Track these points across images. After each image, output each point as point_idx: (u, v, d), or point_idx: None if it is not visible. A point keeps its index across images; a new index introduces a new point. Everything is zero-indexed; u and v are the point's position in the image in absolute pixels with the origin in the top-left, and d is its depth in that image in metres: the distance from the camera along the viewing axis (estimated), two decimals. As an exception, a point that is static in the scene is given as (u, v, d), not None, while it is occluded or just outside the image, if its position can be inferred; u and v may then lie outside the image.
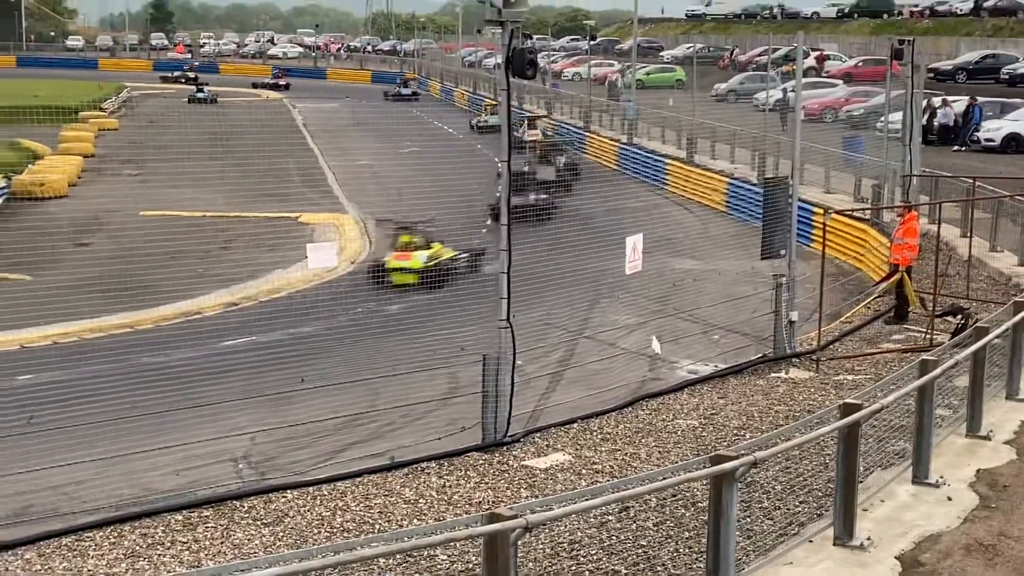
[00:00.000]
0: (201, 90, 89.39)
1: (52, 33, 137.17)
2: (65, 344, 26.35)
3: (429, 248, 32.61)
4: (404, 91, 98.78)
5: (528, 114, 61.05)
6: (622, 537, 11.73)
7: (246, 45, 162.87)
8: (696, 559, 10.32)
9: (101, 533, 13.29)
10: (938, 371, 12.64)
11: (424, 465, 15.69)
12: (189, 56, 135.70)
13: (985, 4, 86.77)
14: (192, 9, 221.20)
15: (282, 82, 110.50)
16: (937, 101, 45.83)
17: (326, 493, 14.59)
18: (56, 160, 52.79)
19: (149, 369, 23.56)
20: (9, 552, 12.83)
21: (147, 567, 11.33)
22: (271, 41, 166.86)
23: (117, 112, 75.69)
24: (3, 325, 26.91)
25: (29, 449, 18.18)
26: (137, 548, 12.81)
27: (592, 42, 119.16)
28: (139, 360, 24.52)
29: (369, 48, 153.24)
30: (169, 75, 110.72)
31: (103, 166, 53.28)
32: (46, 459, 17.79)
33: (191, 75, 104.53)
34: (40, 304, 26.68)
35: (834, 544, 10.72)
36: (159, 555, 12.28)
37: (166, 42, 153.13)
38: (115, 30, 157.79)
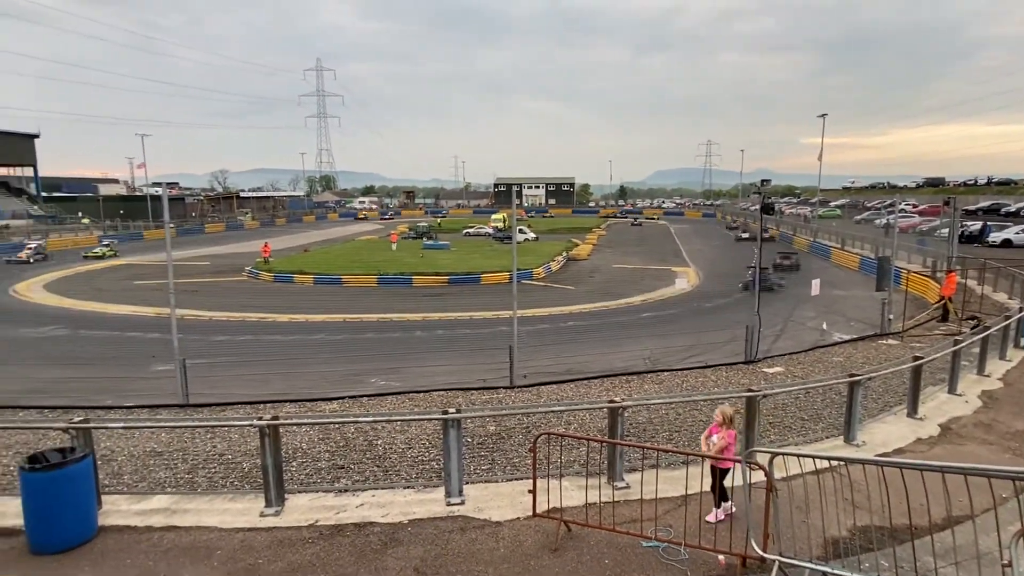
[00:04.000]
0: (637, 220, 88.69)
1: (582, 201, 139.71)
2: (590, 311, 27.02)
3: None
4: (733, 225, 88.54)
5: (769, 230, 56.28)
6: (805, 404, 10.73)
7: (650, 202, 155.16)
8: (838, 417, 9.25)
9: (596, 381, 13.69)
10: (963, 344, 10.88)
11: (719, 367, 14.96)
12: (632, 207, 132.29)
13: (993, 181, 73.04)
14: (634, 189, 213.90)
15: (635, 214, 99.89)
16: (972, 223, 38.68)
17: (679, 374, 14.24)
18: (584, 246, 54.27)
19: (617, 324, 23.91)
20: (573, 384, 13.41)
21: (610, 393, 11.48)
22: (663, 200, 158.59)
23: (606, 228, 76.55)
24: (558, 303, 28.01)
25: (570, 349, 18.87)
26: (607, 386, 13.09)
27: (798, 199, 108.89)
28: (613, 319, 24.94)
29: (700, 202, 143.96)
30: (624, 216, 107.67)
31: (599, 248, 54.22)
32: (584, 351, 18.53)
33: (636, 215, 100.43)
34: (571, 298, 27.70)
35: (907, 416, 9.46)
36: (615, 391, 12.48)
37: (613, 202, 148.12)
38: (604, 198, 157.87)
